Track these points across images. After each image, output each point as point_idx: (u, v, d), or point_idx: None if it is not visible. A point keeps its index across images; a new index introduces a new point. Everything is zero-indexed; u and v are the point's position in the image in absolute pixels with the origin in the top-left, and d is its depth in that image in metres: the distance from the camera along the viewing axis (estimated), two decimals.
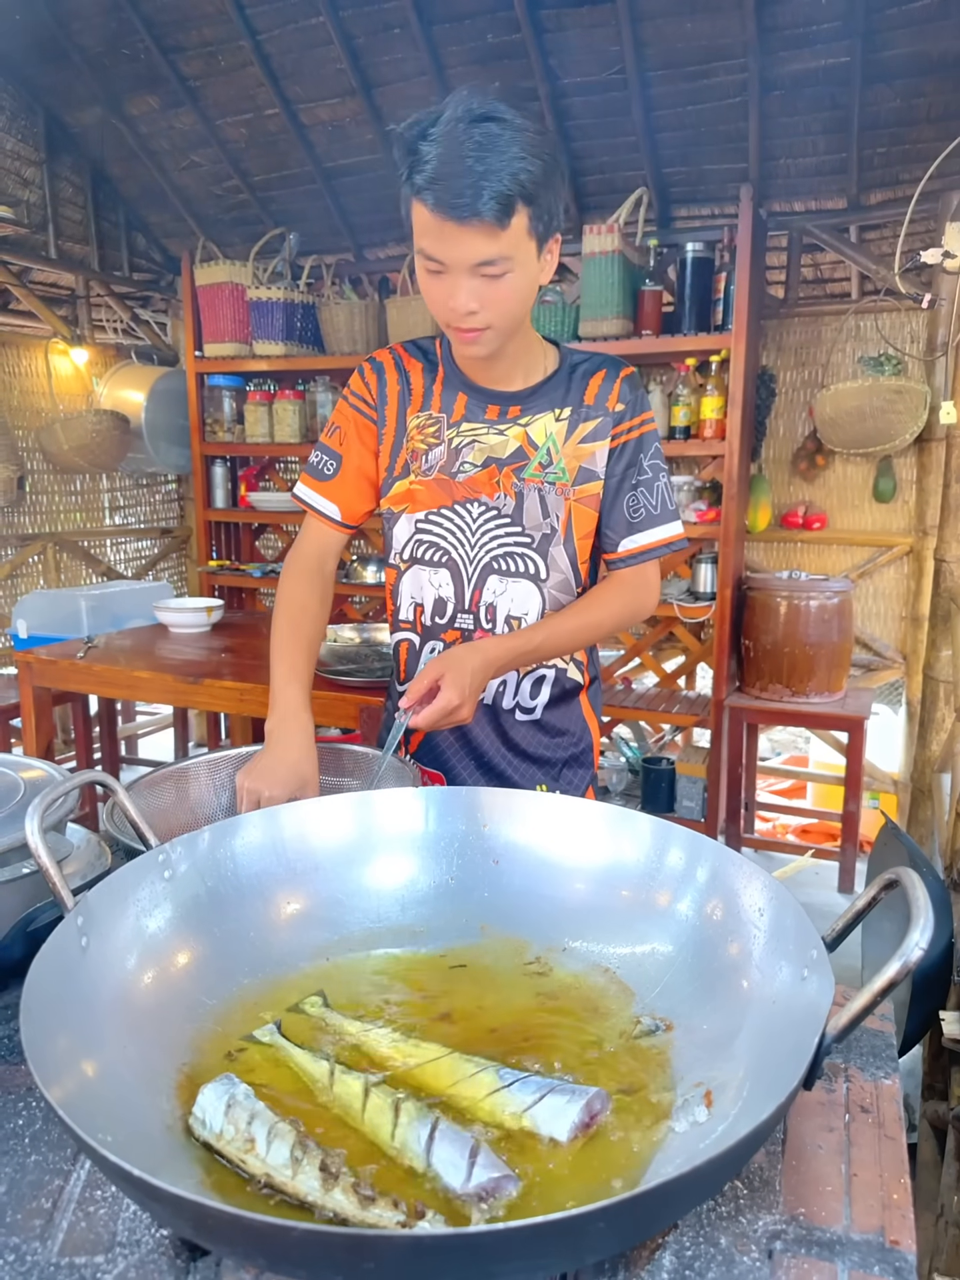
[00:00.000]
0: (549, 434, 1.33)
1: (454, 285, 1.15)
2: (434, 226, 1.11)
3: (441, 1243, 0.49)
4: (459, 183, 1.06)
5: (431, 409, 1.35)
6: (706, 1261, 0.68)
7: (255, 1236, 0.50)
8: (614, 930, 0.96)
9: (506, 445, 1.33)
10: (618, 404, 1.34)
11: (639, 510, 1.36)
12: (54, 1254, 0.67)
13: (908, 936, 0.63)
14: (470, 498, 1.34)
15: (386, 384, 1.36)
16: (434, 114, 1.09)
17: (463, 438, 1.34)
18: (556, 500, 1.34)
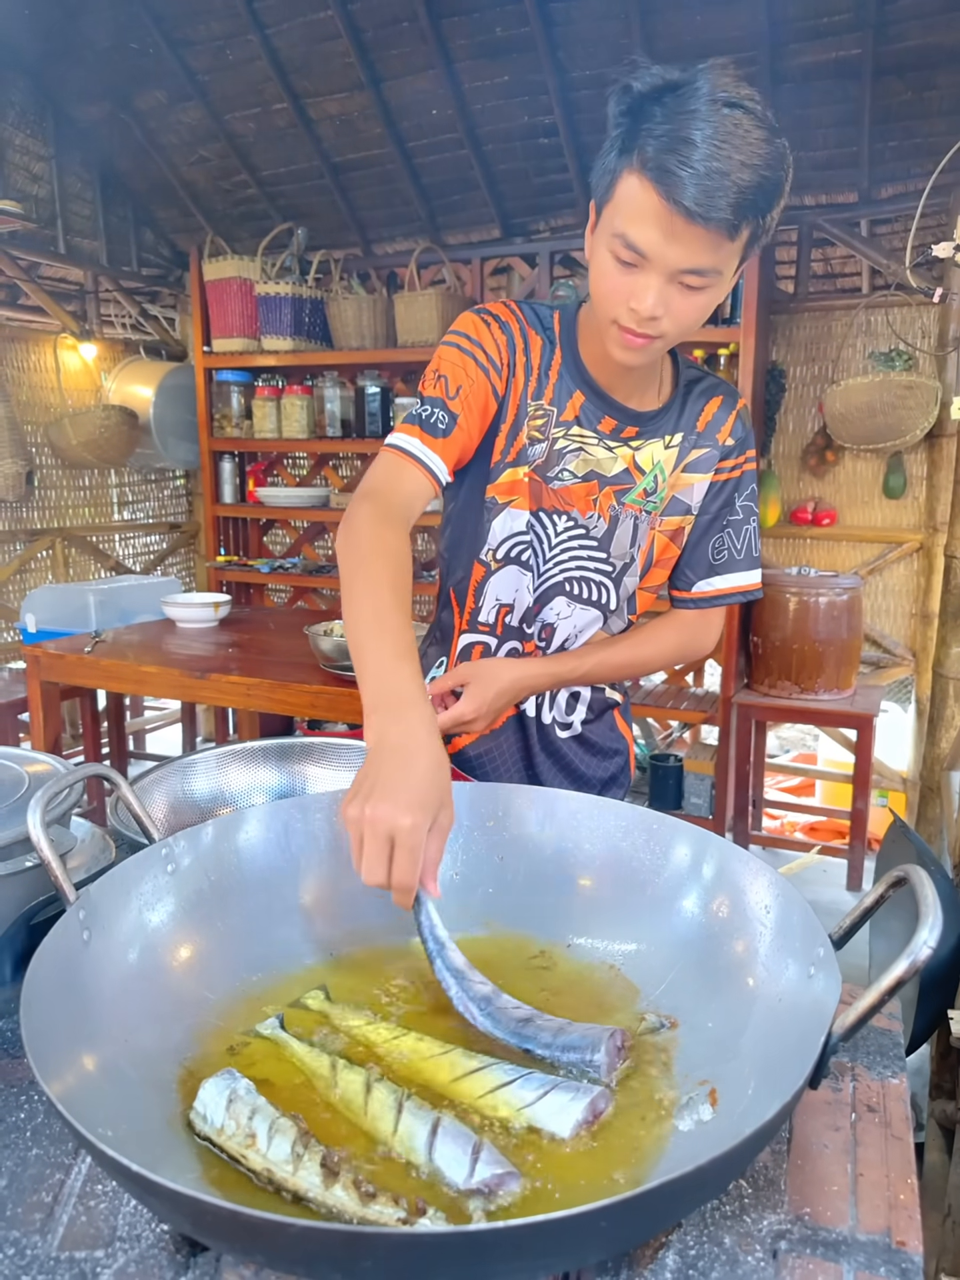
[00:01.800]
0: (657, 461, 1.22)
1: (646, 285, 1.00)
2: (655, 215, 0.95)
3: (440, 1240, 0.49)
4: (708, 178, 0.91)
5: (544, 399, 1.19)
6: (710, 1261, 0.67)
7: (253, 1232, 0.49)
8: (619, 927, 0.95)
9: (614, 464, 1.21)
10: (729, 439, 1.24)
11: (723, 552, 1.28)
12: (54, 1248, 0.67)
13: (916, 935, 0.63)
14: (560, 509, 1.22)
15: (517, 352, 1.18)
16: (678, 81, 0.94)
17: (569, 442, 1.20)
18: (645, 529, 1.25)
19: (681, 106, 0.92)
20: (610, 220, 1.00)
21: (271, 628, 3.33)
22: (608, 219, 1.01)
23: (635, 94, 0.96)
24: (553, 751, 1.37)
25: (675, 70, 0.95)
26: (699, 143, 0.90)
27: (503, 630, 1.30)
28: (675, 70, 0.95)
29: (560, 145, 3.40)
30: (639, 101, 0.96)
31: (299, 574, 4.14)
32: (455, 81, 3.30)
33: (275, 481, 4.51)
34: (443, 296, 3.60)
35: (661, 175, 0.92)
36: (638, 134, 0.94)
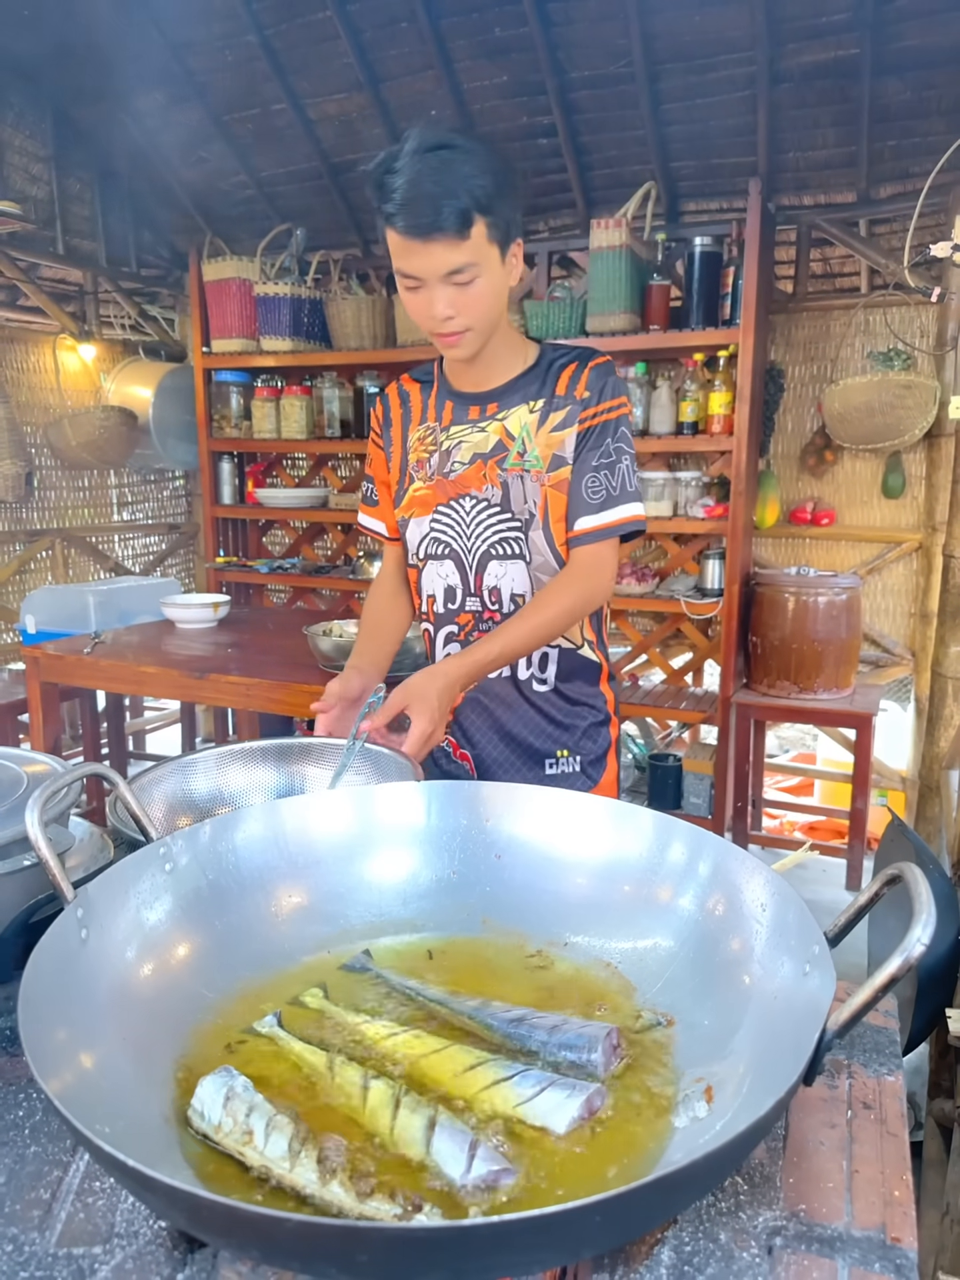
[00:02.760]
0: (523, 425, 1.43)
1: (430, 296, 1.28)
2: (404, 247, 1.24)
3: (435, 1235, 0.49)
4: (421, 205, 1.19)
5: (428, 420, 1.50)
6: (706, 1257, 0.68)
7: (249, 1228, 0.50)
8: (615, 925, 0.96)
9: (488, 440, 1.44)
10: (584, 391, 1.42)
11: (599, 491, 1.42)
12: (52, 1244, 0.67)
13: (909, 932, 0.63)
14: (462, 493, 1.46)
15: (390, 409, 1.54)
16: (395, 150, 1.22)
17: (452, 440, 1.46)
18: (533, 487, 1.43)
19: (398, 165, 1.21)
20: (394, 265, 1.29)
21: (270, 628, 3.33)
22: (393, 265, 1.29)
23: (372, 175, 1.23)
24: (529, 703, 1.54)
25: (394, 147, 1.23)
26: (399, 183, 1.20)
27: (434, 618, 1.54)
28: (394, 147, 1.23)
29: (559, 145, 3.40)
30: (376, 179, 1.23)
31: (298, 574, 4.14)
32: (454, 82, 3.30)
33: (274, 482, 4.51)
34: None
35: (387, 217, 1.23)
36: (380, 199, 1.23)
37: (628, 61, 3.05)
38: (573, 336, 3.38)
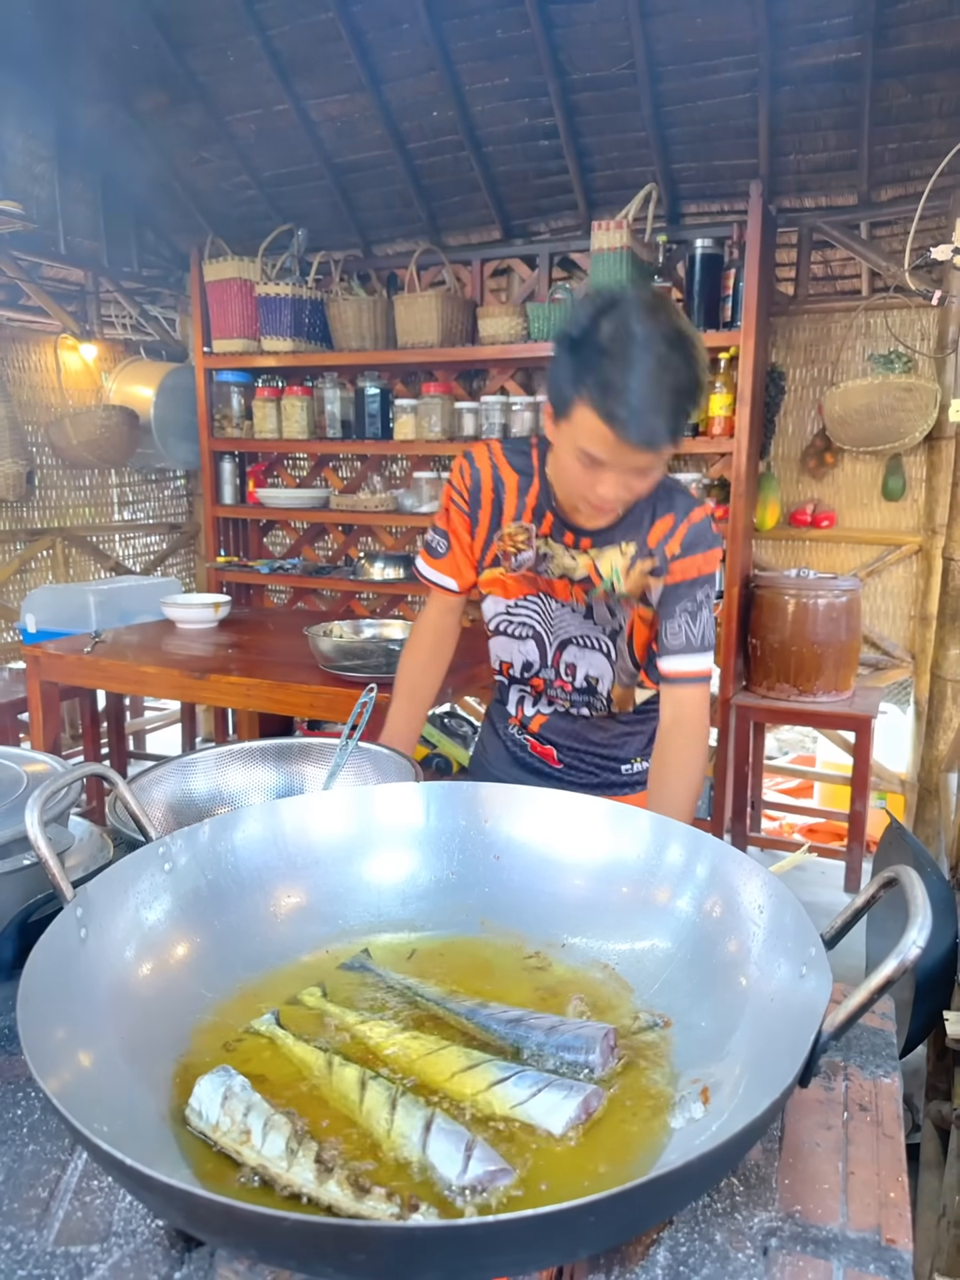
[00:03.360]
0: (614, 568, 1.44)
1: (607, 479, 1.23)
2: (608, 441, 1.17)
3: (432, 1234, 0.49)
4: (653, 422, 1.12)
5: (524, 519, 1.46)
6: (701, 1258, 0.68)
7: (246, 1227, 0.50)
8: (613, 926, 0.96)
9: (578, 569, 1.46)
10: (677, 548, 1.42)
11: (679, 636, 1.45)
12: (49, 1243, 0.68)
13: (905, 935, 0.63)
14: (550, 594, 1.51)
15: (482, 485, 1.49)
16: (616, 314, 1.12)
17: (549, 549, 1.47)
18: (622, 611, 1.49)
19: (624, 352, 1.11)
20: (571, 435, 1.22)
21: (271, 628, 3.33)
22: (568, 432, 1.22)
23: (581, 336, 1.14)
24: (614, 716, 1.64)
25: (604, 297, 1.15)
26: (632, 386, 1.11)
27: (508, 677, 1.64)
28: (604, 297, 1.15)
29: (560, 147, 3.40)
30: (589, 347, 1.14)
31: (299, 575, 4.14)
32: (456, 83, 3.30)
33: (275, 482, 4.51)
34: (443, 298, 3.61)
35: (609, 418, 1.14)
36: (585, 371, 1.14)
37: (629, 63, 3.05)
38: None
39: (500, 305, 3.63)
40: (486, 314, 3.58)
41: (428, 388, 3.75)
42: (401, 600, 4.28)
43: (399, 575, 3.89)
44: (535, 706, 1.66)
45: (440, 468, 4.03)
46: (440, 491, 3.82)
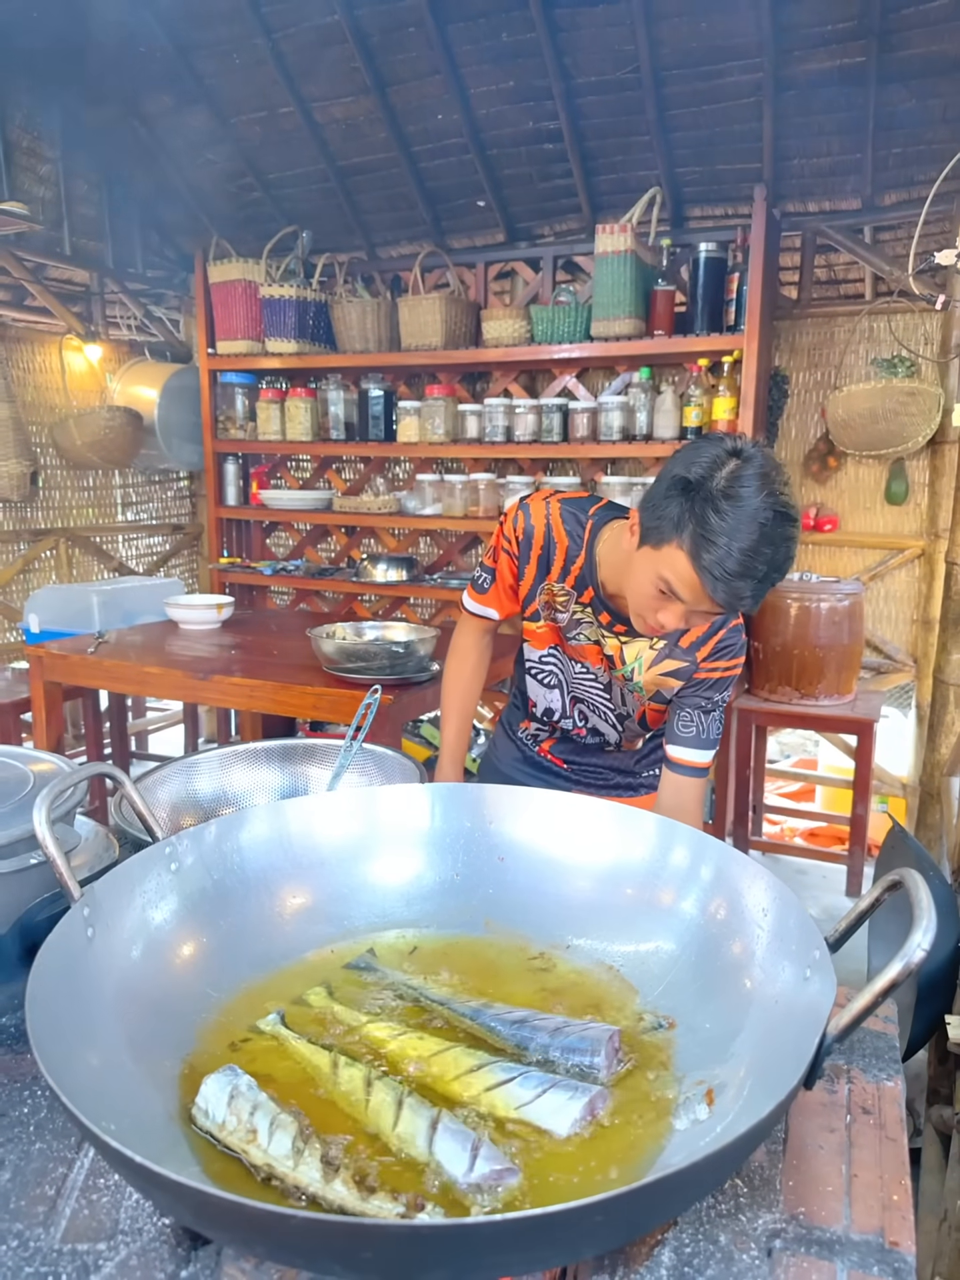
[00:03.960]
0: (638, 658, 1.48)
1: (673, 612, 1.24)
2: (693, 588, 1.18)
3: (439, 1233, 0.50)
4: (740, 584, 1.14)
5: (566, 583, 1.50)
6: (705, 1259, 0.68)
7: (255, 1224, 0.50)
8: (618, 928, 0.96)
9: (605, 648, 1.50)
10: (708, 653, 1.45)
11: (690, 728, 1.50)
12: (56, 1240, 0.68)
13: (909, 937, 0.63)
14: (575, 658, 1.55)
15: (534, 539, 1.50)
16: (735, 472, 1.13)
17: (583, 616, 1.51)
18: (634, 702, 1.55)
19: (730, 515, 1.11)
20: (656, 564, 1.21)
21: (274, 629, 3.34)
22: (653, 559, 1.22)
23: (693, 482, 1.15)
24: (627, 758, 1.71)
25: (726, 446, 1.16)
26: (734, 555, 1.11)
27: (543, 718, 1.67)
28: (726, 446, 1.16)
29: (565, 150, 3.41)
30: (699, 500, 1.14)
31: (301, 576, 4.14)
32: (461, 86, 3.30)
33: (278, 484, 4.52)
34: (446, 300, 3.61)
35: (703, 573, 1.15)
36: (691, 519, 1.14)
37: (634, 68, 3.06)
38: (578, 341, 3.38)
39: (504, 308, 3.64)
40: (490, 316, 3.58)
41: (431, 390, 3.76)
42: (404, 602, 4.28)
43: (401, 577, 3.89)
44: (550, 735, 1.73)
45: (443, 470, 4.03)
46: (442, 493, 3.82)
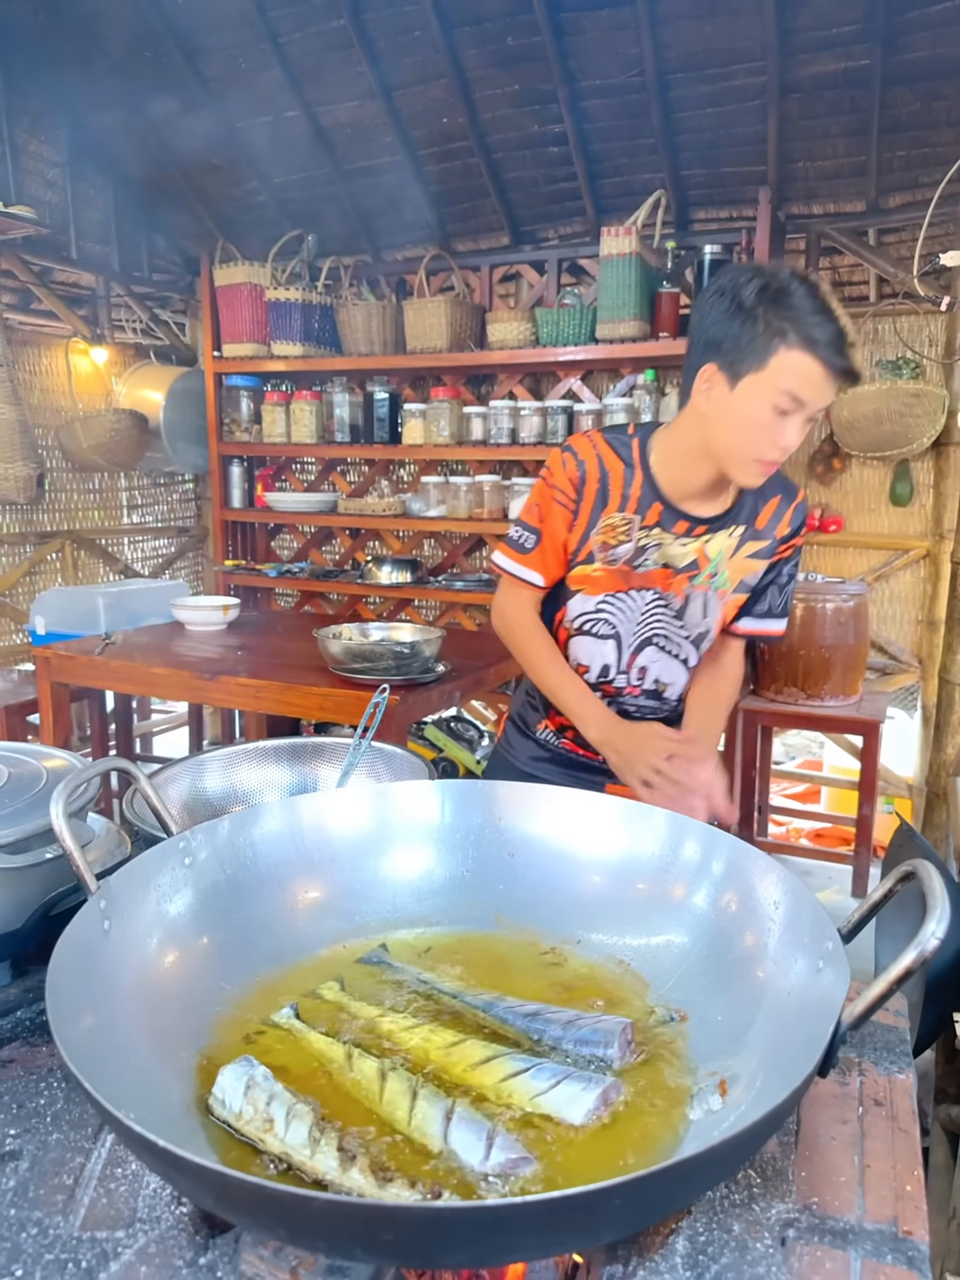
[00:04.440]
0: (721, 550, 1.49)
1: (795, 427, 1.29)
2: (817, 379, 1.26)
3: (460, 1215, 0.50)
4: (850, 351, 1.24)
5: (627, 510, 1.47)
6: (720, 1247, 0.68)
7: (277, 1207, 0.51)
8: (629, 922, 0.97)
9: (685, 556, 1.48)
10: (787, 529, 1.51)
11: (764, 603, 1.57)
12: (76, 1228, 0.69)
13: (924, 926, 0.64)
14: (645, 587, 1.50)
15: (588, 476, 1.47)
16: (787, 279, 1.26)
17: (650, 540, 1.47)
18: (715, 604, 1.52)
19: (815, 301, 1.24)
20: (769, 383, 1.27)
21: (280, 631, 3.34)
22: (762, 384, 1.28)
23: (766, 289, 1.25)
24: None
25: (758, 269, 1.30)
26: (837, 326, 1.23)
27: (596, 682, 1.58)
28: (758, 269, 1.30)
29: (569, 153, 3.42)
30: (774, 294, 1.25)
31: (306, 578, 4.16)
32: (466, 90, 3.32)
33: (283, 486, 4.53)
34: (452, 303, 3.62)
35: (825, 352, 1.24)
36: (782, 319, 1.24)
37: (639, 71, 3.07)
38: (582, 344, 3.39)
39: (509, 311, 3.65)
40: (495, 319, 3.59)
41: (436, 392, 3.77)
42: (408, 604, 4.29)
43: (406, 579, 3.90)
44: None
45: (448, 472, 4.04)
46: (446, 495, 3.83)
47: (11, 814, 1.01)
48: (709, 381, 1.33)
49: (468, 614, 4.16)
